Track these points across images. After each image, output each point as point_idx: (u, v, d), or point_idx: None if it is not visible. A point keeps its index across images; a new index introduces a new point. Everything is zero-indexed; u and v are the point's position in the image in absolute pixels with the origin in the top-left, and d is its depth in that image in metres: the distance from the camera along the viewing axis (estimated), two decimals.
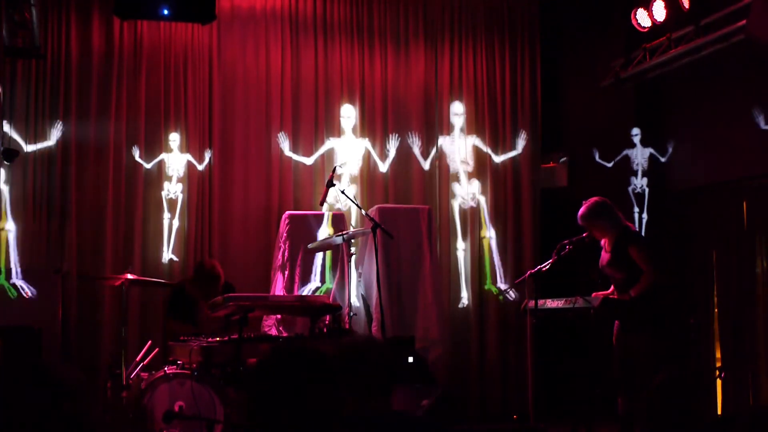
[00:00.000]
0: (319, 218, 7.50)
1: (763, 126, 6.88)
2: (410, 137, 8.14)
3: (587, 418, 6.29)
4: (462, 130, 8.25)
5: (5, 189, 7.20)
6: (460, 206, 8.20)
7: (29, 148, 7.29)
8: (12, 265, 7.12)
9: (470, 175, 8.24)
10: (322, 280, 7.45)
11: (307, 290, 7.34)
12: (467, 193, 8.21)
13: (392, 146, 8.10)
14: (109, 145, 7.47)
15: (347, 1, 8.15)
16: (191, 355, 5.46)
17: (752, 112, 6.94)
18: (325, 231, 7.45)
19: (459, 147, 8.23)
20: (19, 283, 7.08)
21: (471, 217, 8.21)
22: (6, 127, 7.01)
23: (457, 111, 8.26)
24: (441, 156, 8.20)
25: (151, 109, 7.61)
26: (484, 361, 8.06)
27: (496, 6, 8.47)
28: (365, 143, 8.04)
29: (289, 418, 2.43)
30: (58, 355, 6.92)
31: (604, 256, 6.00)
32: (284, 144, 7.84)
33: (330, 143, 7.96)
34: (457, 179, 8.22)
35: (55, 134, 7.36)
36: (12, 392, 2.59)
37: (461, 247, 8.15)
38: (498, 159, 8.30)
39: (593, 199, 5.98)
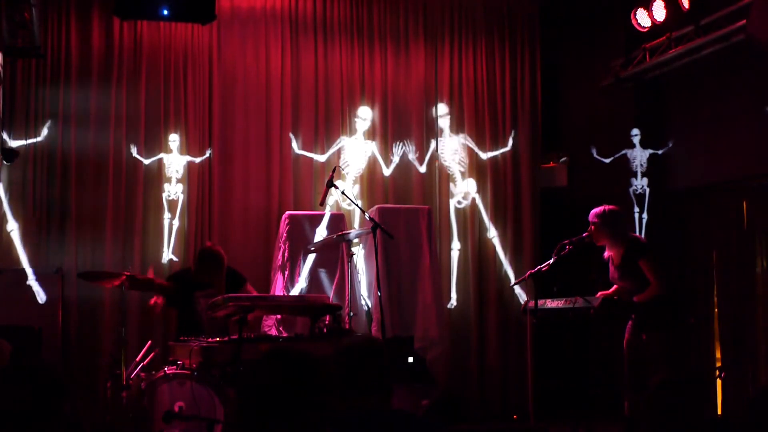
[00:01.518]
0: (320, 218, 7.50)
1: None
2: (407, 143, 8.15)
3: (587, 418, 6.29)
4: (451, 129, 8.25)
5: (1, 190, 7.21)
6: (455, 207, 8.19)
7: (29, 148, 7.29)
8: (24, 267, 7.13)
9: (468, 175, 8.24)
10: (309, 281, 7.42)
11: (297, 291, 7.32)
12: (462, 192, 8.21)
13: (397, 151, 8.11)
14: (109, 145, 7.47)
15: (347, 1, 8.15)
16: (191, 355, 5.45)
17: (753, 112, 6.95)
18: (324, 231, 7.44)
19: (454, 147, 8.23)
20: (34, 286, 7.09)
21: (470, 217, 8.21)
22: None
23: (441, 112, 8.25)
24: (434, 158, 8.20)
25: (151, 109, 7.61)
26: (484, 361, 8.06)
27: (496, 6, 8.47)
28: (373, 146, 8.04)
29: (276, 419, 2.43)
30: (58, 355, 6.92)
31: (613, 271, 6.03)
32: (294, 143, 7.84)
33: (342, 142, 7.96)
34: (453, 180, 8.22)
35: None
36: (12, 392, 2.59)
37: (456, 247, 8.15)
38: (493, 157, 8.30)
39: (608, 206, 6.03)
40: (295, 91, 7.95)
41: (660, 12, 7.20)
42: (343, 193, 6.90)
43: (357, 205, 7.04)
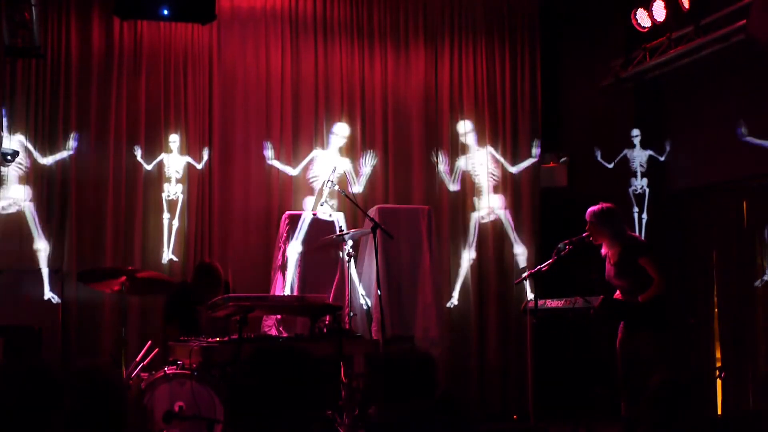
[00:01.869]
0: (320, 218, 7.50)
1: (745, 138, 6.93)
2: (436, 153, 8.14)
3: (587, 418, 6.29)
4: (475, 143, 8.25)
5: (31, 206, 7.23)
6: (480, 221, 8.17)
7: (29, 148, 7.29)
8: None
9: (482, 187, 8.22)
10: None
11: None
12: (487, 206, 8.19)
13: (369, 161, 8.08)
14: (109, 146, 7.47)
15: (347, 1, 8.15)
16: (191, 355, 5.45)
17: (753, 113, 6.95)
18: (307, 230, 7.42)
19: (479, 161, 8.23)
20: (47, 291, 7.12)
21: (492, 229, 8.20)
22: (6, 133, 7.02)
23: (465, 129, 8.24)
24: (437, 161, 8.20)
25: (151, 109, 7.61)
26: (484, 361, 8.06)
27: (496, 6, 8.47)
28: (346, 163, 7.99)
29: (268, 417, 2.44)
30: (58, 355, 6.92)
31: (610, 269, 6.02)
32: (268, 152, 7.81)
33: (314, 153, 7.90)
34: (479, 193, 8.21)
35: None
36: (12, 391, 2.59)
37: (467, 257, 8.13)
38: (502, 162, 8.31)
39: (605, 204, 6.02)
40: (295, 91, 7.95)
41: (660, 12, 7.20)
42: (342, 192, 6.91)
43: (357, 205, 7.03)
